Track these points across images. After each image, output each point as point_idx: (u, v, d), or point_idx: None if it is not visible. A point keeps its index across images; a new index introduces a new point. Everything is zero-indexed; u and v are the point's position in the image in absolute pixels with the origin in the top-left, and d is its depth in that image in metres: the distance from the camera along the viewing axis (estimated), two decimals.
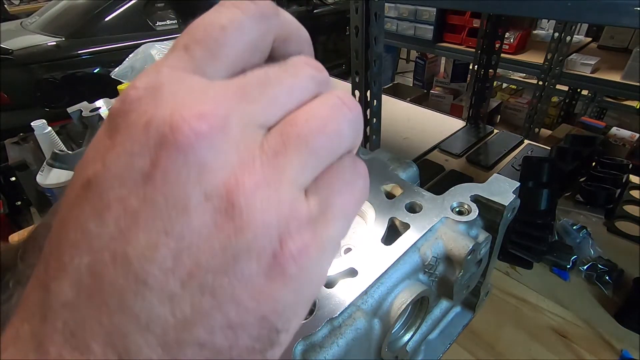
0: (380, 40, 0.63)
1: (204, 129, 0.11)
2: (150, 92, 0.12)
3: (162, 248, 0.11)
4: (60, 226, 0.12)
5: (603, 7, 0.36)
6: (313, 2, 2.87)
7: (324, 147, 0.13)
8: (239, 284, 0.11)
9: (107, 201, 0.11)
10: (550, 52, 1.49)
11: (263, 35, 0.14)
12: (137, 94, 0.12)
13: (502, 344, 0.55)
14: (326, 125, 0.13)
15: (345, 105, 0.14)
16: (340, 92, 0.14)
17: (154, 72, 0.13)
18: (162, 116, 0.11)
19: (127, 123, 0.11)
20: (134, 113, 0.11)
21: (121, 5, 2.22)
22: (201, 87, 0.12)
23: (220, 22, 0.13)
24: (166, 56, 0.13)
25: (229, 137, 0.11)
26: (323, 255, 0.13)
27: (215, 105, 0.12)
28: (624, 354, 0.53)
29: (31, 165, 1.18)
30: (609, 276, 0.62)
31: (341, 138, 0.13)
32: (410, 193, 0.36)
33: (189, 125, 0.11)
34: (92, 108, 0.58)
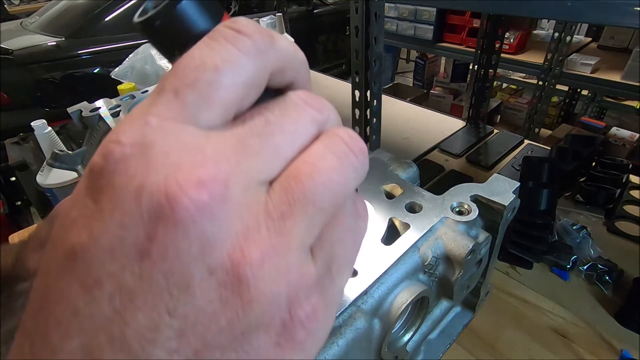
0: (380, 40, 0.63)
1: (204, 199, 0.10)
2: (139, 149, 0.10)
3: (164, 329, 0.10)
4: (44, 299, 0.10)
5: (603, 7, 0.36)
6: (313, 2, 2.87)
7: (331, 202, 0.12)
8: (248, 357, 0.11)
9: (97, 277, 0.10)
10: (550, 52, 1.49)
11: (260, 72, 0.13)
12: (123, 151, 0.10)
13: (502, 344, 0.55)
14: (333, 179, 0.12)
15: (352, 152, 0.13)
16: (344, 132, 0.13)
17: (140, 123, 0.11)
18: (156, 183, 0.10)
19: (114, 187, 0.10)
20: (120, 175, 0.10)
21: (121, 5, 2.22)
22: (196, 142, 0.11)
23: (213, 62, 0.12)
24: (153, 101, 0.12)
25: (231, 203, 0.11)
26: (331, 311, 0.13)
27: (215, 167, 0.11)
28: (624, 354, 0.53)
29: (31, 165, 1.18)
30: (609, 276, 0.62)
31: (347, 188, 0.13)
32: (410, 193, 0.36)
33: (187, 195, 0.10)
34: (92, 108, 0.58)
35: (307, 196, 0.12)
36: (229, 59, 0.12)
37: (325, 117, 0.14)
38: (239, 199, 0.11)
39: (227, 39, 0.12)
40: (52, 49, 2.05)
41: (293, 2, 2.80)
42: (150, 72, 1.60)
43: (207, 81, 0.11)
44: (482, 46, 0.96)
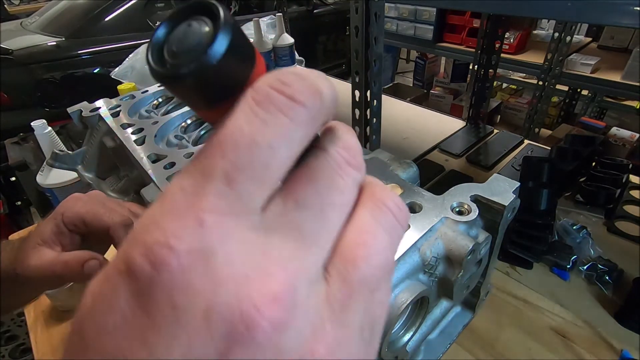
0: (380, 40, 0.63)
1: (279, 316, 0.10)
2: (198, 260, 0.09)
3: None
4: None
5: (603, 7, 0.36)
6: (313, 2, 2.87)
7: (383, 279, 0.12)
8: None
9: None
10: (550, 52, 1.49)
11: (310, 137, 0.12)
12: (180, 263, 0.09)
13: (502, 344, 0.55)
14: (386, 258, 0.12)
15: (399, 224, 0.13)
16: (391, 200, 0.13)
17: (193, 223, 0.10)
18: (227, 302, 0.09)
19: (174, 304, 0.09)
20: (182, 293, 0.09)
21: (121, 5, 2.22)
22: (259, 242, 0.10)
23: (267, 140, 0.10)
24: (199, 187, 0.10)
25: (300, 308, 0.10)
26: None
27: (284, 274, 0.10)
28: (624, 354, 0.53)
29: (31, 165, 1.18)
30: (609, 276, 0.62)
31: (394, 259, 0.13)
32: (410, 193, 0.36)
33: (263, 316, 0.09)
34: (92, 108, 0.58)
35: (364, 281, 0.12)
36: (283, 133, 0.11)
37: (364, 172, 0.13)
38: (305, 300, 0.11)
39: (279, 107, 0.11)
40: (52, 49, 2.05)
41: (293, 2, 2.80)
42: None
43: (262, 164, 0.10)
44: (482, 46, 0.96)
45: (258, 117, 0.11)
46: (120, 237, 0.38)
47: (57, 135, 0.86)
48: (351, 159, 0.13)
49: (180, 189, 0.10)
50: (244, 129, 0.11)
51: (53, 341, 0.62)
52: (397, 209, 0.13)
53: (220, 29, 0.11)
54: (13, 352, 0.91)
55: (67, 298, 0.65)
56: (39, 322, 0.65)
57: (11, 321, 0.96)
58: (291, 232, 0.11)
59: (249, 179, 0.10)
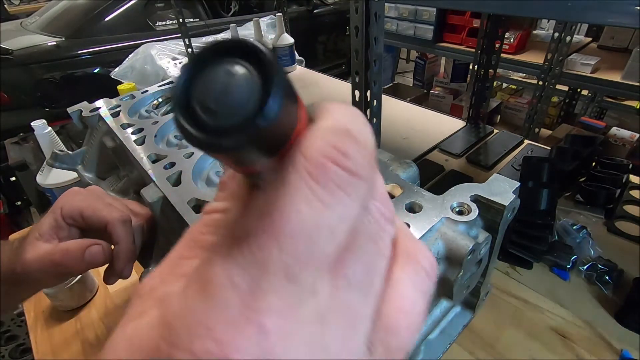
0: (380, 40, 0.63)
1: None
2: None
3: None
4: None
5: (603, 7, 0.36)
6: (313, 2, 2.87)
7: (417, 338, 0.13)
8: None
9: None
10: (550, 52, 1.49)
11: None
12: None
13: (502, 344, 0.55)
14: (423, 320, 0.13)
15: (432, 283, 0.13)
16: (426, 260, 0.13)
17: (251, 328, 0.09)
18: None
19: None
20: None
21: (121, 5, 2.22)
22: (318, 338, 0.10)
23: (328, 224, 0.10)
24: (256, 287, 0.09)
25: None
26: None
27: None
28: (624, 354, 0.53)
29: (31, 165, 1.18)
30: (609, 276, 0.62)
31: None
32: (410, 193, 0.36)
33: None
34: (92, 108, 0.58)
35: (404, 347, 0.12)
36: (344, 214, 0.10)
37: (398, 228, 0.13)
38: None
39: (339, 184, 0.10)
40: (52, 49, 2.06)
41: (293, 2, 2.80)
42: (150, 72, 1.60)
43: (324, 251, 0.10)
44: (482, 46, 0.96)
45: (317, 197, 0.10)
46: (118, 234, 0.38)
47: (57, 135, 0.86)
48: (387, 211, 0.12)
49: (231, 284, 0.09)
50: (303, 214, 0.10)
51: (53, 341, 0.62)
52: (430, 268, 0.13)
53: (273, 80, 0.10)
54: (13, 352, 0.91)
55: (67, 298, 0.65)
56: (39, 322, 0.65)
57: (11, 321, 0.96)
58: (342, 314, 0.10)
59: (310, 269, 0.10)
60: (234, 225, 0.11)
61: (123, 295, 0.69)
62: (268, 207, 0.10)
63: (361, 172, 0.10)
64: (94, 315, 0.66)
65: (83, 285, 0.66)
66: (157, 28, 2.33)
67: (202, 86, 0.10)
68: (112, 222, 0.37)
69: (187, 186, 0.40)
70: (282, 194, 0.10)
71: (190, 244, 0.13)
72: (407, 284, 0.12)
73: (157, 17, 2.35)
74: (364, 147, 0.11)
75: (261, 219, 0.10)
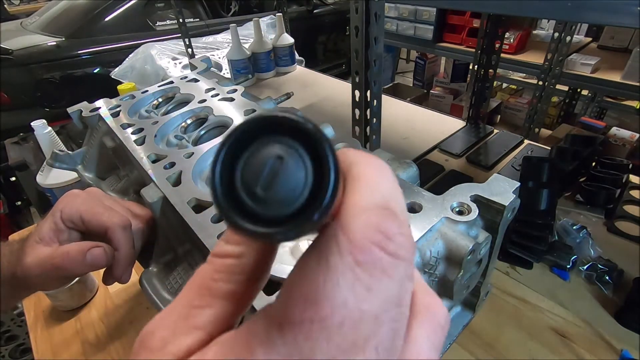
0: (380, 40, 0.63)
1: None
2: None
3: None
4: None
5: (603, 7, 0.36)
6: (313, 2, 2.87)
7: None
8: None
9: None
10: (550, 52, 1.49)
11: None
12: None
13: (502, 344, 0.55)
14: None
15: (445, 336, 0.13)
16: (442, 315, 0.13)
17: None
18: None
19: None
20: None
21: (121, 5, 2.22)
22: None
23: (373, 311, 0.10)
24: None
25: None
26: None
27: None
28: (624, 354, 0.53)
29: (31, 165, 1.18)
30: (609, 276, 0.62)
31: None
32: (410, 193, 0.36)
33: None
34: (92, 108, 0.58)
35: None
36: (388, 298, 0.10)
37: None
38: None
39: (383, 269, 0.10)
40: (52, 49, 2.06)
41: (293, 2, 2.80)
42: (150, 72, 1.60)
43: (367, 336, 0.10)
44: (482, 46, 0.96)
45: (362, 284, 0.10)
46: (118, 239, 0.37)
47: (57, 135, 0.86)
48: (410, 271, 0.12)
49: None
50: (349, 303, 0.10)
51: (53, 341, 0.62)
52: (445, 322, 0.13)
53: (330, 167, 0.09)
54: (13, 352, 0.91)
55: (67, 298, 0.65)
56: (39, 322, 0.65)
57: (11, 321, 0.96)
58: None
59: (354, 355, 0.10)
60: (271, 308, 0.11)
61: (123, 295, 0.69)
62: (313, 293, 0.10)
63: (405, 253, 0.11)
64: (94, 315, 0.66)
65: (83, 285, 0.66)
66: (157, 28, 2.33)
67: (247, 168, 0.10)
68: (112, 228, 0.37)
69: (187, 186, 0.40)
70: (328, 281, 0.10)
71: (202, 291, 0.13)
72: (424, 341, 0.12)
73: (157, 17, 2.35)
74: (404, 224, 0.11)
75: (307, 306, 0.10)
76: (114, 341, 0.61)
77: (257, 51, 1.40)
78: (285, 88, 1.39)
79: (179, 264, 0.41)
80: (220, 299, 0.13)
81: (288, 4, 1.63)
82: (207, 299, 0.13)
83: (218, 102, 0.56)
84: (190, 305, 0.13)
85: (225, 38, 1.87)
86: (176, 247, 0.42)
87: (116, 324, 0.63)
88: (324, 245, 0.10)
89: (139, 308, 0.66)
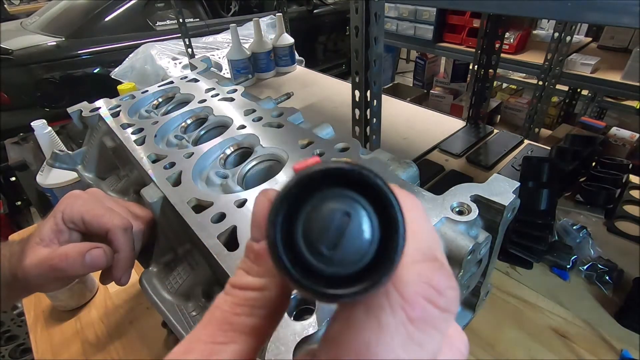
0: (380, 40, 0.63)
1: None
2: None
3: None
4: None
5: (603, 7, 0.36)
6: (313, 2, 2.87)
7: None
8: None
9: None
10: (550, 52, 1.49)
11: None
12: None
13: (502, 344, 0.55)
14: None
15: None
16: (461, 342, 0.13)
17: None
18: None
19: None
20: None
21: (121, 5, 2.22)
22: None
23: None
24: None
25: None
26: None
27: None
28: (624, 354, 0.53)
29: (31, 165, 1.18)
30: (609, 276, 0.62)
31: None
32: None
33: None
34: (92, 108, 0.58)
35: None
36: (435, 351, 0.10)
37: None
38: None
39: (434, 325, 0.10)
40: (52, 49, 2.06)
41: (293, 2, 2.80)
42: (150, 72, 1.60)
43: None
44: (482, 46, 0.96)
45: (414, 341, 0.10)
46: (118, 242, 0.37)
47: (57, 135, 0.86)
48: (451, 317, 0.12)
49: None
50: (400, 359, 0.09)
51: (53, 341, 0.62)
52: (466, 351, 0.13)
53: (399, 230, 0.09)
54: (13, 352, 0.91)
55: (67, 298, 0.65)
56: (39, 322, 0.65)
57: (11, 321, 0.96)
58: None
59: None
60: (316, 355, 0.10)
61: (123, 295, 0.69)
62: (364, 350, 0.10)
63: (453, 308, 0.11)
64: (94, 315, 0.66)
65: (83, 285, 0.66)
66: (157, 28, 2.33)
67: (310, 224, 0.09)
68: (113, 230, 0.37)
69: (187, 186, 0.40)
70: (381, 339, 0.10)
71: (224, 327, 0.13)
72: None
73: (157, 17, 2.35)
74: (452, 276, 0.11)
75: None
76: (114, 341, 0.61)
77: (257, 51, 1.40)
78: (285, 88, 1.39)
79: (179, 264, 0.41)
80: (243, 334, 0.12)
81: (288, 4, 1.63)
82: (230, 335, 0.12)
83: (218, 102, 0.56)
84: (213, 341, 0.12)
85: (225, 38, 1.87)
86: (176, 247, 0.42)
87: (116, 324, 0.64)
88: (374, 297, 0.10)
89: (139, 308, 0.66)
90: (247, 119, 0.50)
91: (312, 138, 0.44)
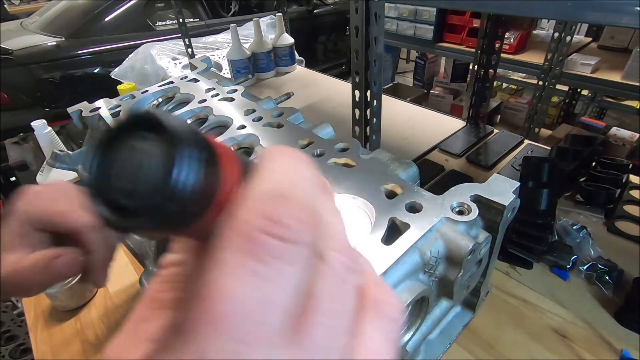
0: (380, 40, 0.63)
1: None
2: None
3: None
4: None
5: (603, 7, 0.36)
6: (313, 2, 2.87)
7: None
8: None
9: None
10: (550, 52, 1.49)
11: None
12: None
13: (502, 344, 0.55)
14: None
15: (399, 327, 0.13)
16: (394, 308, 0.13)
17: None
18: None
19: None
20: None
21: (121, 5, 2.22)
22: None
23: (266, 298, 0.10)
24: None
25: None
26: None
27: None
28: (624, 354, 0.53)
29: (31, 165, 1.18)
30: (609, 276, 0.62)
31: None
32: (410, 193, 0.36)
33: None
34: (92, 108, 0.58)
35: None
36: (283, 283, 0.10)
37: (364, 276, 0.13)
38: None
39: (274, 255, 0.10)
40: (52, 49, 2.06)
41: (293, 2, 2.80)
42: (150, 72, 1.60)
43: (273, 327, 0.09)
44: (482, 46, 0.96)
45: (252, 272, 0.09)
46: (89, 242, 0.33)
47: (57, 135, 0.86)
48: (351, 263, 0.12)
49: None
50: (238, 293, 0.09)
51: (53, 341, 0.62)
52: (399, 315, 0.13)
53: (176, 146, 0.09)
54: (13, 352, 0.91)
55: (67, 298, 0.65)
56: (39, 322, 0.65)
57: (11, 321, 0.96)
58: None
59: (260, 347, 0.09)
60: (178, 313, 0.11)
61: (123, 295, 0.69)
62: (203, 290, 0.09)
63: (298, 237, 0.10)
64: (94, 315, 0.66)
65: (83, 285, 0.66)
66: (157, 28, 2.33)
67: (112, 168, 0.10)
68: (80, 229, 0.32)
69: None
70: (214, 275, 0.09)
71: (150, 304, 0.13)
72: (376, 338, 0.12)
73: (157, 17, 2.35)
74: (300, 207, 0.10)
75: (197, 306, 0.09)
76: None
77: (257, 51, 1.40)
78: (285, 88, 1.39)
79: None
80: (167, 308, 0.13)
81: (288, 4, 1.63)
82: (156, 312, 0.13)
83: (218, 102, 0.56)
84: (140, 319, 0.13)
85: (225, 38, 1.87)
86: None
87: (116, 324, 0.63)
88: (215, 240, 0.10)
89: None
90: (247, 119, 0.50)
91: (312, 138, 0.44)
